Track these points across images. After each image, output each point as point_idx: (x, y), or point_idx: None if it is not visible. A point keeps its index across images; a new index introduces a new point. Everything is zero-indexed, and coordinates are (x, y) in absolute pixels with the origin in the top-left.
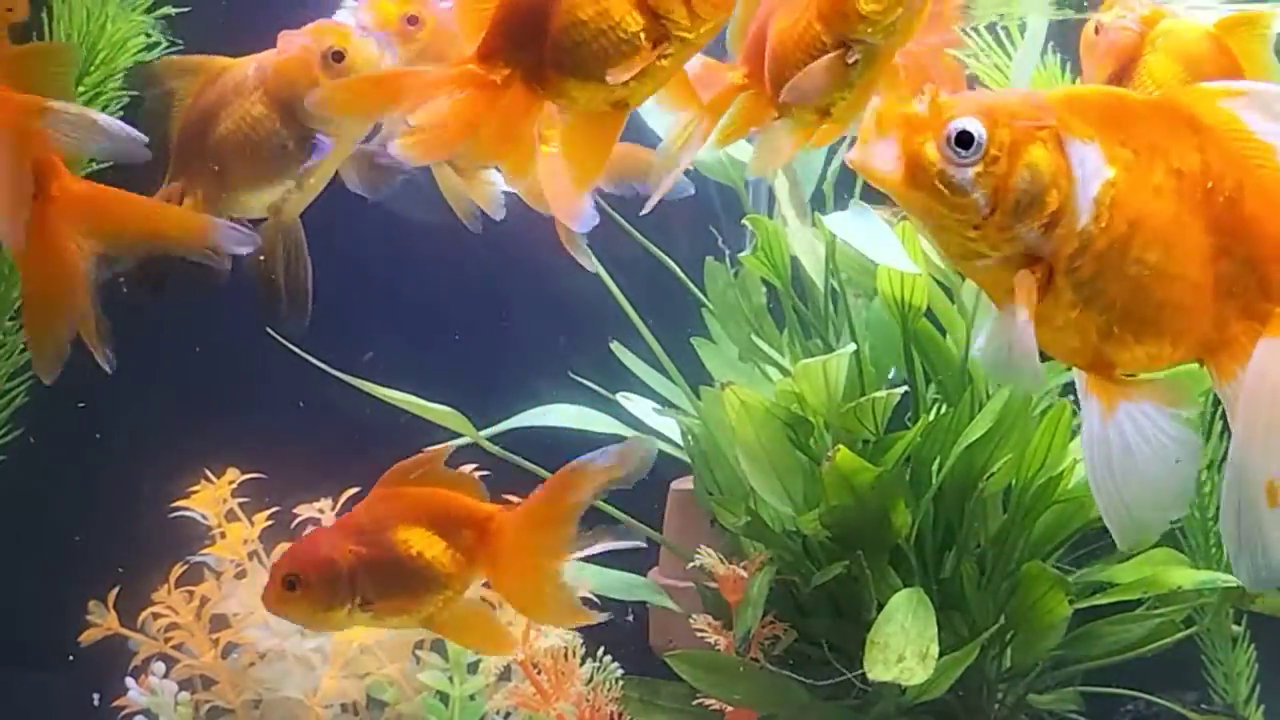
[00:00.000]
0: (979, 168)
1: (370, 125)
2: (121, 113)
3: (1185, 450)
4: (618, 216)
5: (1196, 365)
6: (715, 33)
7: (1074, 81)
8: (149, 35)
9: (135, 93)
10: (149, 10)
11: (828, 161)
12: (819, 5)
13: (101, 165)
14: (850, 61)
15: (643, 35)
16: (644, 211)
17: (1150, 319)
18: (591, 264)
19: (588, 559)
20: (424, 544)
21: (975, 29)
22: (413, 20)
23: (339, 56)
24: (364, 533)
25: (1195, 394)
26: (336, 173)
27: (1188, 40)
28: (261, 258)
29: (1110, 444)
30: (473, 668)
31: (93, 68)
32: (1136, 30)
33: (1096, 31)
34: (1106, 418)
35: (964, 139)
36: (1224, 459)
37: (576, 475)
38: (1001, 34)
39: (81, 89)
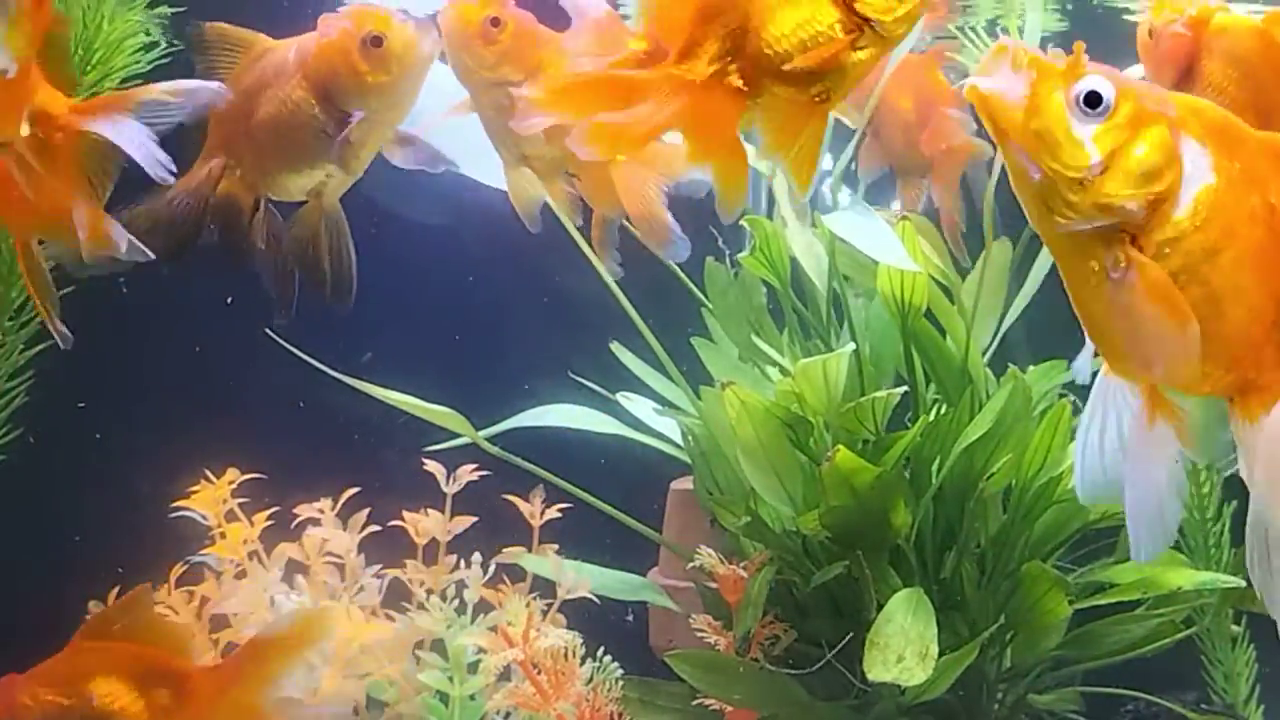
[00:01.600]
0: (1101, 127)
1: (408, 112)
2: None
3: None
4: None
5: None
6: (912, 24)
7: None
8: (147, 34)
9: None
10: (147, 8)
11: (828, 161)
12: None
13: None
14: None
15: (838, 27)
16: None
17: (1209, 334)
18: (615, 271)
19: (588, 559)
20: (120, 698)
21: (974, 28)
22: (495, 22)
23: (378, 41)
24: (61, 682)
25: (1209, 451)
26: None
27: (1240, 38)
28: (303, 244)
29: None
30: (473, 668)
31: (90, 67)
32: (1188, 35)
33: (1150, 35)
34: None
35: (1093, 98)
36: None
37: (265, 645)
38: (1000, 34)
39: (79, 89)
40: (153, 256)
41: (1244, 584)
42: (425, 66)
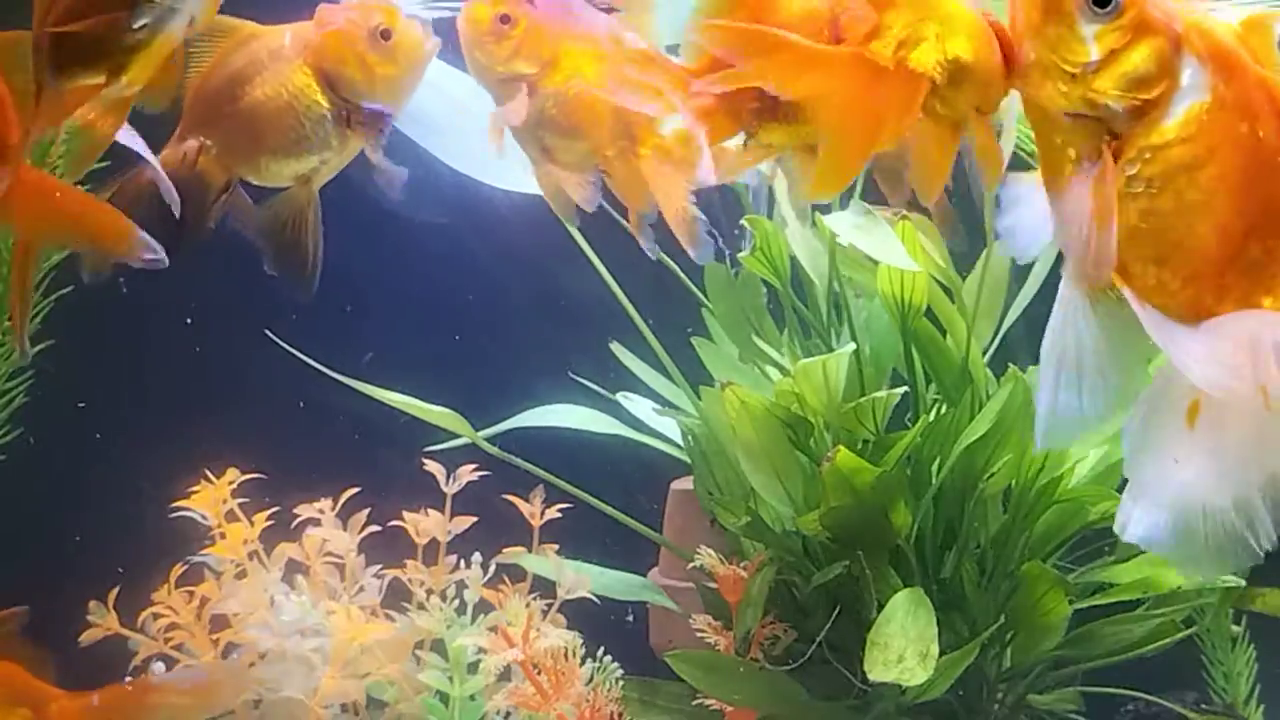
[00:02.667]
0: (1104, 25)
1: (401, 104)
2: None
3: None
4: (618, 217)
5: None
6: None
7: None
8: None
9: None
10: None
11: None
12: None
13: None
14: None
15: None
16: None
17: (1177, 244)
18: (654, 249)
19: (588, 559)
20: None
21: None
22: (505, 19)
23: (386, 34)
24: None
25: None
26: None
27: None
28: (285, 225)
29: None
30: (473, 668)
31: None
32: None
33: None
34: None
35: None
36: None
37: (150, 691)
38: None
39: None
40: (165, 261)
41: (1244, 584)
42: (427, 62)
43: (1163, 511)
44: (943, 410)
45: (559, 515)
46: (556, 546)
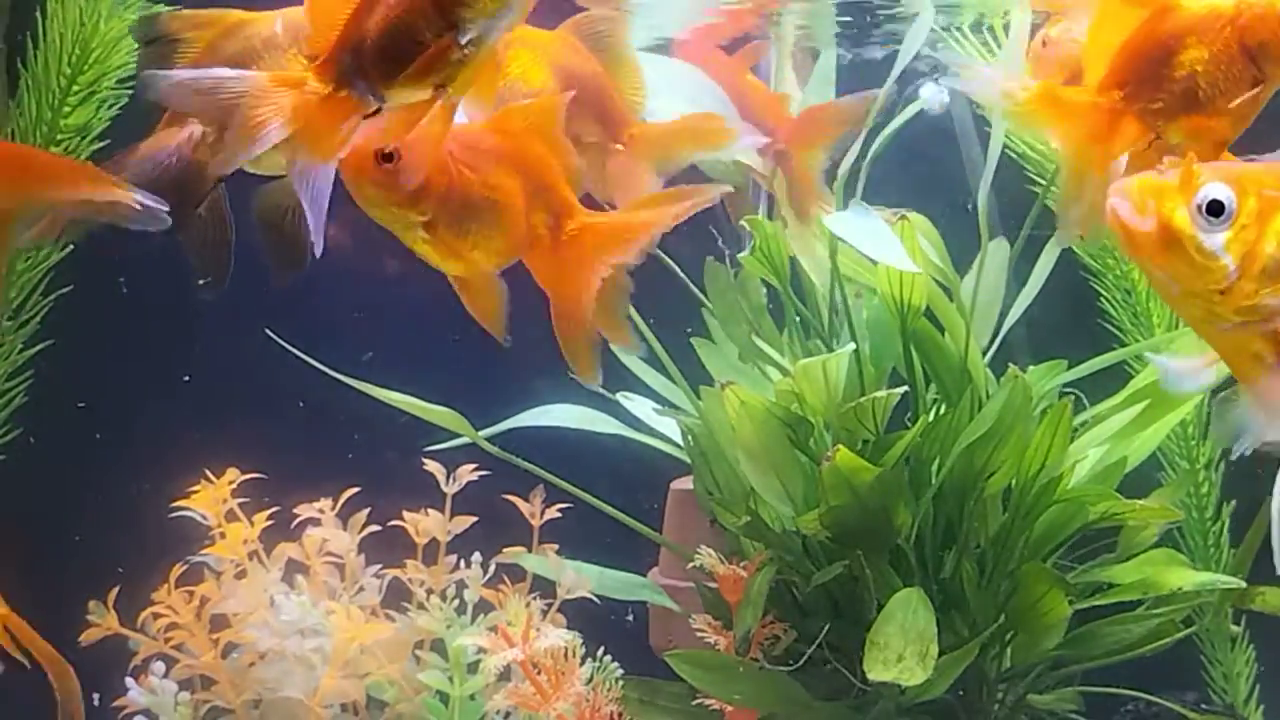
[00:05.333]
0: (1229, 233)
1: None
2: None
3: None
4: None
5: None
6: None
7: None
8: None
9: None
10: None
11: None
12: None
13: None
14: None
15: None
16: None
17: None
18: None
19: (588, 559)
20: None
21: (960, 28)
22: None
23: None
24: None
25: None
26: None
27: None
28: (282, 214)
29: None
30: (473, 668)
31: (86, 67)
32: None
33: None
34: None
35: (1215, 207)
36: (1234, 465)
37: None
38: (986, 34)
39: (76, 88)
40: (167, 219)
41: (1243, 584)
42: None
43: None
44: (942, 410)
45: (559, 515)
46: (556, 546)
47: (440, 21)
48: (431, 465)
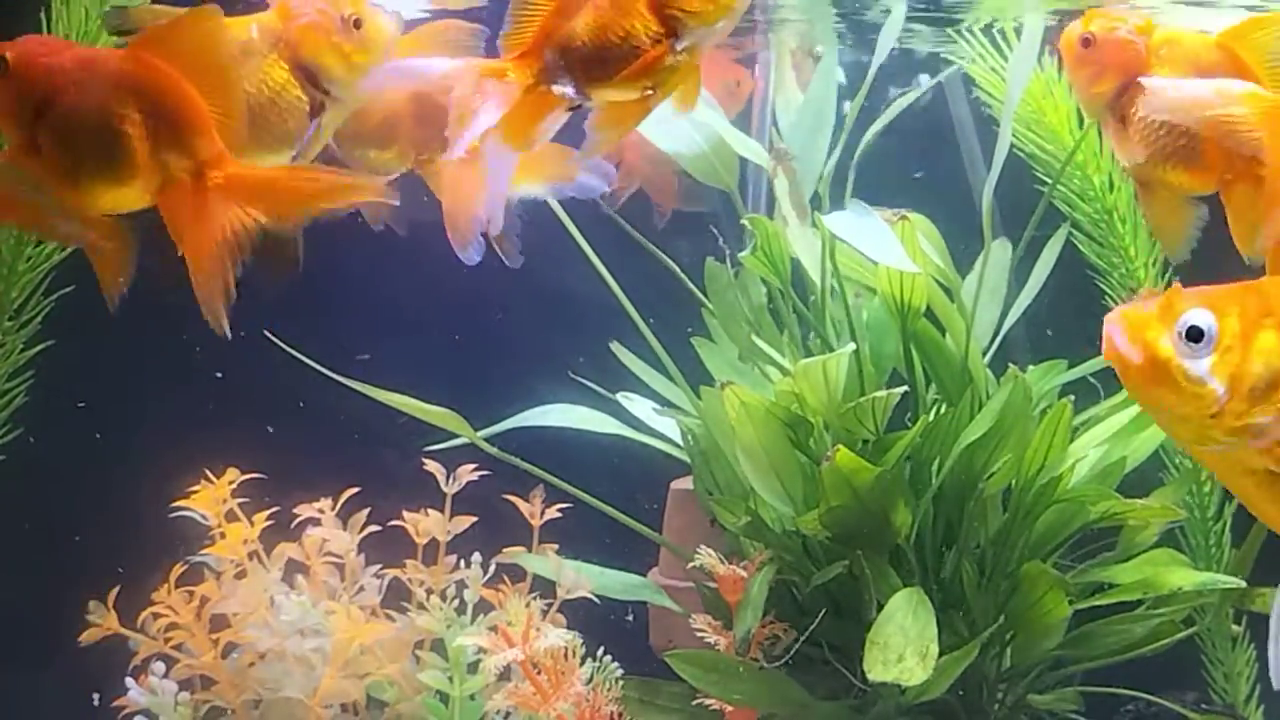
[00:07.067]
0: (1214, 357)
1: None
2: None
3: None
4: (618, 217)
5: None
6: None
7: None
8: None
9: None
10: None
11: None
12: None
13: None
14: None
15: None
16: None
17: None
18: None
19: (588, 559)
20: None
21: (971, 30)
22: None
23: (358, 23)
24: None
25: None
26: None
27: (1194, 50)
28: None
29: None
30: (472, 668)
31: None
32: (1137, 41)
33: (1086, 45)
34: None
35: (1195, 333)
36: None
37: None
38: (998, 36)
39: None
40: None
41: (1244, 584)
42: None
43: None
44: (942, 410)
45: (559, 515)
46: (556, 546)
47: (660, 29)
48: (431, 465)
